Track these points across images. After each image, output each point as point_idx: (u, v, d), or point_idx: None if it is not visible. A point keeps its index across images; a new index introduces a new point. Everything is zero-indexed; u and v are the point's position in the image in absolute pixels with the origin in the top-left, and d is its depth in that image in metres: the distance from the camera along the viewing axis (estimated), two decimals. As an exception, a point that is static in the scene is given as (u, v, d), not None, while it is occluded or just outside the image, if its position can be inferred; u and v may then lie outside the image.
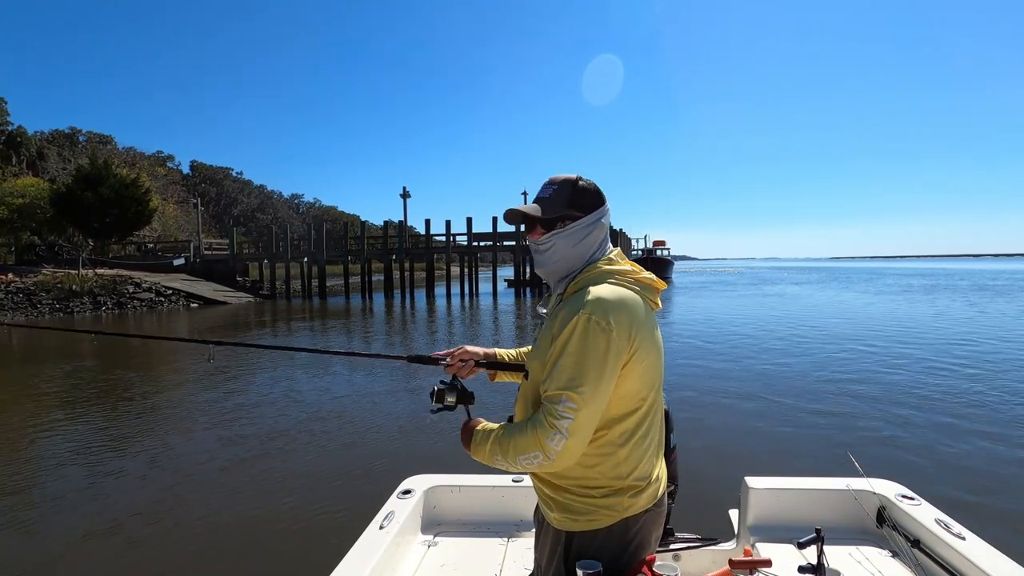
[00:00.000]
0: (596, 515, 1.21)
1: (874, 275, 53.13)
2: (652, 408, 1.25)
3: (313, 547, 3.55)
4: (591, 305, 1.13)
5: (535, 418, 1.16)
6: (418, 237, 37.08)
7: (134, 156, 51.69)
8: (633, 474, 1.22)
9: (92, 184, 29.50)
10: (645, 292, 1.25)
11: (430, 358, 1.50)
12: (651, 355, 1.20)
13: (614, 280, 1.21)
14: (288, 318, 20.38)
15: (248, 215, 73.46)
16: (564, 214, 1.24)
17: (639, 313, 1.18)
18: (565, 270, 1.27)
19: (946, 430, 5.78)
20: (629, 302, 1.18)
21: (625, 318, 1.15)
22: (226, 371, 9.59)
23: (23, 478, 4.92)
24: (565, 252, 1.25)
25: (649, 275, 1.28)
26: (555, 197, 1.25)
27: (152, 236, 38.55)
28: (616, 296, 1.17)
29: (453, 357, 1.47)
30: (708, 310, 20.56)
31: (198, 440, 5.92)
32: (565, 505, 1.24)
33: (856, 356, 10.18)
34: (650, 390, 1.22)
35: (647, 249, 51.20)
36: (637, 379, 1.18)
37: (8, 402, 7.94)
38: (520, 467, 1.17)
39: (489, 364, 1.48)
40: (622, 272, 1.23)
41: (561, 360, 1.13)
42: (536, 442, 1.13)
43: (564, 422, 1.10)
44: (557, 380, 1.13)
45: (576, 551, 1.23)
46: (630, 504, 1.22)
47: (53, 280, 23.74)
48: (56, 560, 3.52)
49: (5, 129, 42.97)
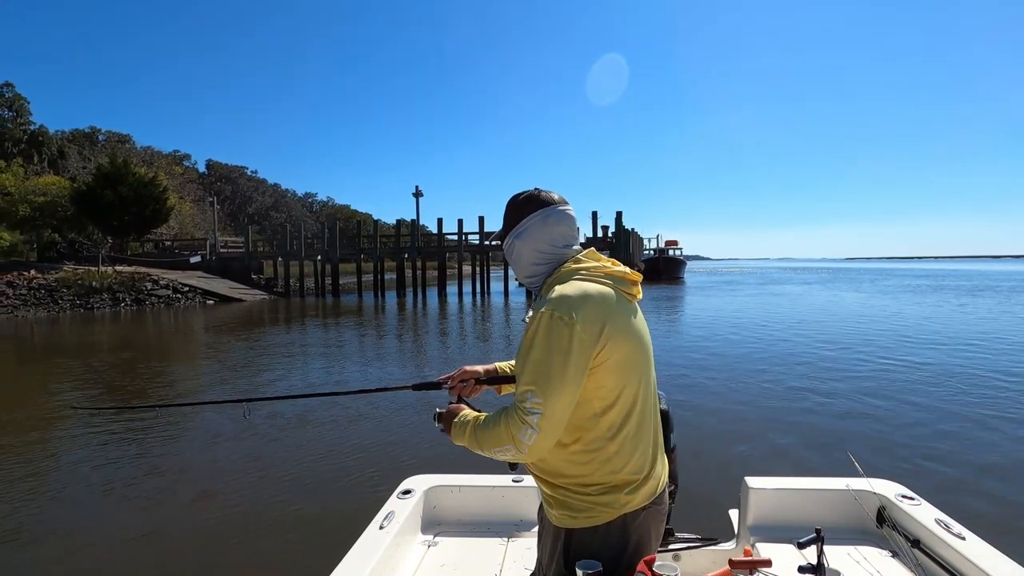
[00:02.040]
0: (594, 512, 1.23)
1: (882, 275, 52.64)
2: (638, 400, 1.25)
3: (313, 547, 3.55)
4: (554, 302, 1.17)
5: (507, 412, 1.19)
6: (430, 236, 37.21)
7: (152, 155, 52.60)
8: (627, 468, 1.23)
9: (111, 183, 30.04)
10: (618, 284, 1.27)
11: (434, 384, 1.57)
12: (627, 346, 1.21)
13: (580, 276, 1.25)
14: (302, 316, 20.58)
15: (262, 213, 74.29)
16: (515, 222, 1.36)
17: (608, 305, 1.20)
18: (531, 269, 1.35)
19: (946, 430, 5.75)
20: (595, 295, 1.20)
21: (592, 311, 1.17)
22: (229, 371, 9.76)
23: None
24: (523, 249, 1.34)
25: (621, 268, 1.31)
26: (505, 213, 1.39)
27: (169, 234, 39.21)
28: (579, 291, 1.20)
29: (453, 379, 1.54)
30: (713, 309, 20.60)
31: (197, 440, 5.89)
32: (564, 502, 1.26)
33: (856, 355, 10.12)
34: (633, 381, 1.23)
35: (659, 249, 50.87)
36: (614, 370, 1.20)
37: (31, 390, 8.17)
38: (496, 457, 1.22)
39: (490, 380, 1.54)
40: (589, 268, 1.27)
41: (527, 357, 1.17)
42: (508, 436, 1.16)
43: (533, 417, 1.13)
44: (525, 376, 1.17)
45: (576, 548, 1.24)
46: (627, 500, 1.23)
47: (74, 277, 24.26)
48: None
49: (28, 129, 43.90)
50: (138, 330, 16.89)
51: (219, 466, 5.13)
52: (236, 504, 4.27)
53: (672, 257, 48.39)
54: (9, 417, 6.77)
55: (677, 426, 1.80)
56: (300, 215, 71.71)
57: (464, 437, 1.27)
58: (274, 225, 59.83)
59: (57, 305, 22.22)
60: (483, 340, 14.16)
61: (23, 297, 22.14)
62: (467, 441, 1.26)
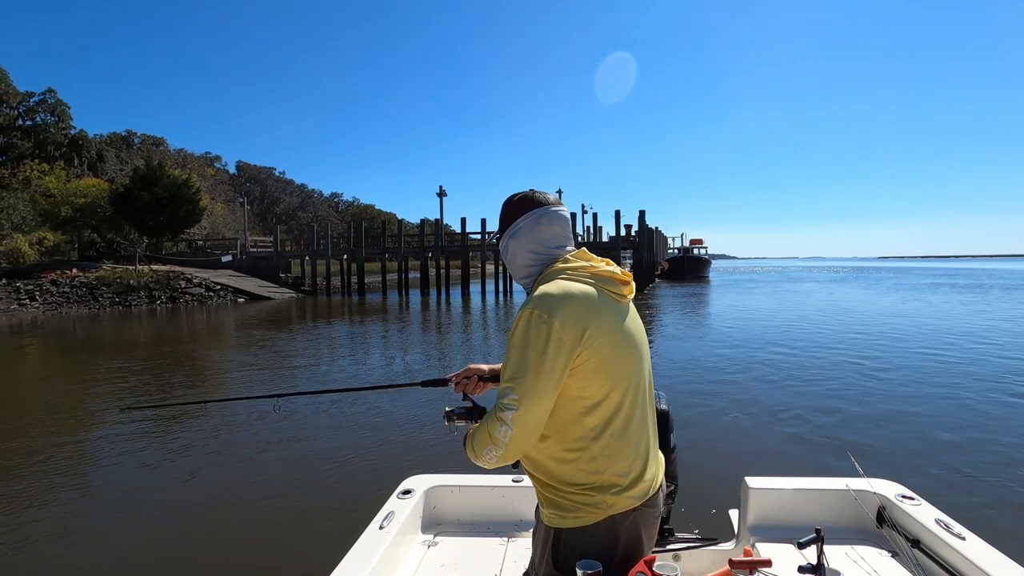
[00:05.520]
0: (581, 512, 1.22)
1: (902, 273, 51.76)
2: (626, 400, 1.24)
3: (313, 547, 3.53)
4: (535, 301, 1.19)
5: (489, 412, 1.22)
6: (454, 235, 37.51)
7: (185, 157, 54.12)
8: (611, 469, 1.22)
9: (147, 184, 30.97)
10: (605, 284, 1.26)
11: (441, 381, 1.61)
12: (612, 347, 1.21)
13: (565, 276, 1.25)
14: (328, 314, 20.95)
15: (290, 213, 75.63)
16: (509, 222, 1.38)
17: (590, 304, 1.20)
18: (524, 270, 1.36)
19: (947, 430, 5.69)
20: (577, 294, 1.20)
21: (573, 310, 1.17)
22: (236, 371, 10.05)
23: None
24: (517, 249, 1.35)
25: (611, 267, 1.31)
26: (501, 213, 1.41)
27: (201, 234, 40.25)
28: (561, 290, 1.20)
29: (459, 377, 1.57)
30: (723, 307, 20.56)
31: (195, 440, 5.87)
32: (554, 502, 1.26)
33: (857, 355, 9.99)
34: (620, 383, 1.23)
35: (683, 248, 50.31)
36: (598, 371, 1.19)
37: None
38: (491, 463, 1.22)
39: (495, 378, 1.55)
40: (575, 268, 1.27)
41: (508, 354, 1.19)
42: (488, 435, 1.18)
43: (508, 413, 1.14)
44: (505, 373, 1.18)
45: (564, 548, 1.24)
46: (614, 502, 1.22)
47: (113, 275, 25.19)
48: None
49: (68, 133, 45.60)
50: (174, 327, 17.43)
51: (218, 464, 5.13)
52: (236, 503, 4.28)
53: (697, 256, 47.79)
54: (51, 416, 7.09)
55: (677, 426, 1.85)
56: (326, 215, 72.75)
57: (468, 448, 1.28)
58: (301, 225, 60.92)
59: (97, 302, 23.12)
60: (505, 340, 14.24)
61: (66, 294, 23.11)
62: (468, 452, 1.27)
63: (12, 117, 43.05)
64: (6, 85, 42.12)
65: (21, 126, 43.62)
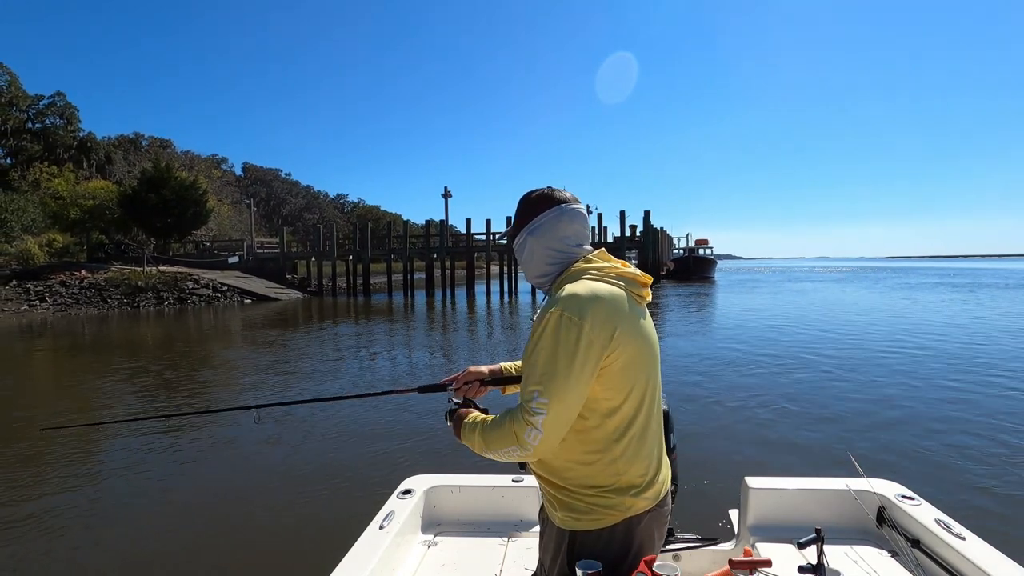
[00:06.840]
0: (598, 514, 1.21)
1: (904, 273, 51.68)
2: (645, 402, 1.24)
3: (313, 547, 3.53)
4: (563, 301, 1.16)
5: (513, 413, 1.18)
6: (459, 236, 37.53)
7: (192, 159, 54.54)
8: (632, 471, 1.21)
9: (155, 186, 31.15)
10: (629, 286, 1.25)
11: (439, 386, 1.57)
12: (636, 348, 1.20)
13: (590, 276, 1.23)
14: (334, 315, 21.00)
15: (296, 214, 76.03)
16: (528, 219, 1.35)
17: (619, 305, 1.19)
18: (542, 268, 1.33)
19: (947, 430, 5.67)
20: (605, 295, 1.18)
21: (601, 311, 1.15)
22: (240, 373, 10.09)
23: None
24: (536, 247, 1.32)
25: (632, 269, 1.29)
26: (518, 209, 1.37)
27: (208, 235, 40.55)
28: (589, 291, 1.18)
29: (458, 381, 1.53)
30: (726, 307, 20.56)
31: (193, 442, 5.87)
32: (568, 504, 1.24)
33: (857, 355, 9.95)
34: (640, 383, 1.22)
35: (689, 248, 50.11)
36: (622, 372, 1.18)
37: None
38: (503, 458, 1.21)
39: (495, 381, 1.53)
40: (599, 268, 1.25)
41: (534, 356, 1.16)
42: (513, 436, 1.15)
43: (538, 417, 1.12)
44: (531, 376, 1.15)
45: (579, 550, 1.22)
46: (632, 504, 1.21)
47: (121, 277, 25.41)
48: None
49: (77, 136, 46.04)
50: (182, 327, 17.52)
51: (219, 466, 5.16)
52: (236, 504, 4.29)
53: (702, 256, 47.63)
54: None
55: (677, 426, 1.84)
56: (332, 216, 73.06)
57: (474, 439, 1.26)
58: (307, 226, 61.28)
59: (106, 304, 23.30)
60: (510, 340, 14.29)
61: (75, 296, 23.32)
62: (476, 443, 1.26)
63: (22, 120, 43.54)
64: (16, 89, 42.59)
65: (31, 129, 44.11)
